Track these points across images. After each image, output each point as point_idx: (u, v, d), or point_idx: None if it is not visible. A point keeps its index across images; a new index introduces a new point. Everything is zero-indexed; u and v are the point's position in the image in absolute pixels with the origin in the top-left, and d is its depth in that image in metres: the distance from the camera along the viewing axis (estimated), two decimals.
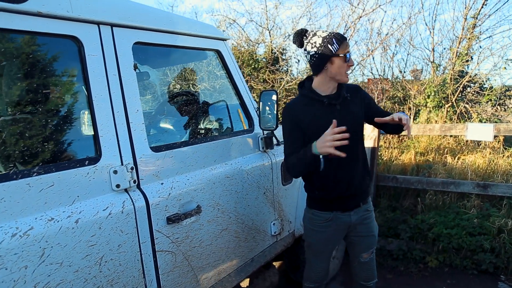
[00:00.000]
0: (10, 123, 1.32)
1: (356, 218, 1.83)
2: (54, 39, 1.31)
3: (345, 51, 1.65)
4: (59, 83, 1.41)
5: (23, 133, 1.27)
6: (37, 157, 1.25)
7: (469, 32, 5.43)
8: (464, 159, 4.15)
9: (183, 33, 1.78)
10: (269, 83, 6.98)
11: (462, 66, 5.41)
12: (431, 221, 3.36)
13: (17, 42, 1.28)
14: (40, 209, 1.18)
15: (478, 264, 3.04)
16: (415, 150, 4.60)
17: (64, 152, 1.33)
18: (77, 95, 1.41)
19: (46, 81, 1.37)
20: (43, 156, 1.27)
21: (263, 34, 7.72)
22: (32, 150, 1.26)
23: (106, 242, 1.32)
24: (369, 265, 1.92)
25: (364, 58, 7.05)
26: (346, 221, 1.82)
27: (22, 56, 1.29)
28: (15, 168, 1.17)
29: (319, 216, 1.83)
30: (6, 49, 1.24)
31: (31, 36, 1.26)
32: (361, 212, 1.84)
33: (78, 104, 1.42)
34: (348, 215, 1.81)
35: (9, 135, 1.28)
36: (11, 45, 1.27)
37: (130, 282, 1.41)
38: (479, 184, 3.33)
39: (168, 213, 1.56)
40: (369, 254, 1.90)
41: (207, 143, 1.83)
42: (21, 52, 1.28)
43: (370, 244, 1.88)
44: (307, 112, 1.72)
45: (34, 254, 1.13)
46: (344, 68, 1.67)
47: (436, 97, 5.35)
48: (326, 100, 1.71)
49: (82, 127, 1.46)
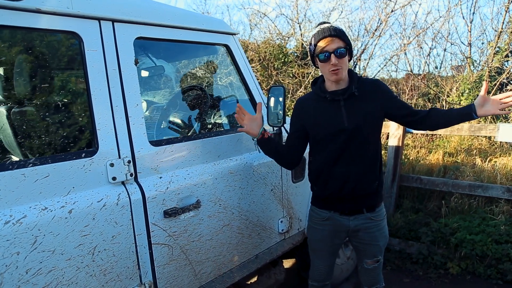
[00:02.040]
0: (9, 115, 1.38)
1: (356, 224, 1.75)
2: (54, 35, 1.35)
3: (322, 50, 1.58)
4: (58, 77, 1.45)
5: (22, 126, 1.32)
6: (33, 148, 1.30)
7: (511, 25, 5.05)
8: (496, 162, 3.89)
9: (188, 28, 1.78)
10: (298, 78, 6.89)
11: (501, 62, 5.05)
12: (455, 225, 3.19)
13: (16, 38, 1.33)
14: (35, 199, 1.23)
15: (504, 274, 2.86)
16: (444, 150, 4.37)
17: (61, 144, 1.38)
18: (76, 89, 1.44)
19: (44, 75, 1.42)
20: (40, 147, 1.33)
21: (294, 27, 7.63)
22: (30, 141, 1.31)
23: (100, 232, 1.36)
24: (373, 272, 1.86)
25: (397, 53, 6.78)
26: (344, 225, 1.76)
27: (21, 50, 1.34)
28: (11, 159, 1.23)
29: (317, 214, 1.82)
30: (6, 45, 1.29)
31: (30, 32, 1.30)
32: (363, 220, 1.74)
33: (77, 98, 1.46)
34: (347, 219, 1.75)
35: (8, 127, 1.34)
36: (11, 41, 1.33)
37: (124, 273, 1.45)
38: (510, 189, 3.11)
39: (165, 206, 1.57)
40: (374, 262, 1.83)
41: (209, 139, 1.83)
42: (20, 47, 1.33)
43: (374, 252, 1.80)
44: (311, 107, 1.74)
45: (26, 241, 1.18)
46: (325, 67, 1.61)
47: (471, 95, 5.05)
48: (328, 96, 1.67)
49: (80, 120, 1.50)
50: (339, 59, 1.58)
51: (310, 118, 1.74)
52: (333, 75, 1.61)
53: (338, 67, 1.58)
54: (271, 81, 6.98)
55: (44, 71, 1.43)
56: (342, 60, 1.59)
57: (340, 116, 1.65)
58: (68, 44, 1.40)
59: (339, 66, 1.58)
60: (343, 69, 1.61)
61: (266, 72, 7.11)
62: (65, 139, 1.39)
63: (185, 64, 2.73)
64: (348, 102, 1.66)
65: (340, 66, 1.59)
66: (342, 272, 2.90)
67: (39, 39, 1.36)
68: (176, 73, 2.63)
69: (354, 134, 1.64)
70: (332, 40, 1.57)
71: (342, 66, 1.60)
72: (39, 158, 1.26)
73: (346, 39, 1.60)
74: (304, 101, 1.80)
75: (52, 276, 1.24)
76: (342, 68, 1.60)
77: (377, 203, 1.76)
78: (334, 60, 1.57)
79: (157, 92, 2.74)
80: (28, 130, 1.35)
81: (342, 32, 1.60)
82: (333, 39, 1.57)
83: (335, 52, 1.56)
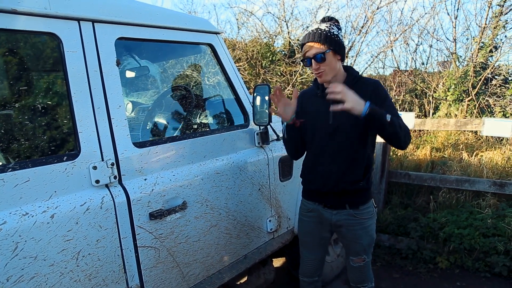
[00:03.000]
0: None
1: (337, 219, 1.77)
2: (31, 36, 1.32)
3: (304, 55, 1.64)
4: (37, 79, 1.43)
5: (0, 129, 1.29)
6: (12, 152, 1.27)
7: (494, 21, 5.13)
8: (482, 156, 3.95)
9: (171, 27, 1.76)
10: (285, 76, 6.90)
11: (485, 58, 5.12)
12: (443, 220, 3.23)
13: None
14: (15, 204, 1.21)
15: (491, 267, 2.90)
16: (431, 146, 4.42)
17: (41, 147, 1.35)
18: (56, 91, 1.42)
19: (23, 77, 1.39)
20: (19, 151, 1.30)
21: (281, 26, 7.63)
22: (8, 145, 1.28)
23: (84, 237, 1.34)
24: (358, 271, 1.86)
25: (383, 50, 6.83)
26: (327, 218, 1.80)
27: None
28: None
29: (304, 205, 1.90)
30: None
31: (8, 34, 1.27)
32: (345, 215, 1.75)
33: (57, 100, 1.43)
34: (330, 212, 1.78)
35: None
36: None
37: (109, 277, 1.43)
38: (496, 183, 3.16)
39: (151, 209, 1.56)
40: (359, 261, 1.82)
41: (195, 139, 1.81)
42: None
43: (357, 251, 1.79)
44: (306, 101, 1.82)
45: (6, 248, 1.15)
46: (313, 69, 1.66)
47: (457, 90, 5.11)
48: (319, 93, 1.74)
49: (61, 123, 1.47)
50: (320, 63, 1.61)
51: (304, 111, 1.79)
52: (318, 78, 1.68)
53: (320, 70, 1.62)
54: (259, 79, 6.98)
55: (23, 73, 1.40)
56: (324, 63, 1.60)
57: (327, 113, 1.67)
58: (47, 46, 1.37)
59: (321, 70, 1.62)
60: (327, 71, 1.63)
61: (254, 70, 7.10)
62: (46, 143, 1.36)
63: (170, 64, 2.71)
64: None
65: (323, 69, 1.62)
66: (332, 270, 2.91)
67: (16, 41, 1.33)
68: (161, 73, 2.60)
69: (338, 132, 1.67)
70: (312, 46, 1.60)
71: (325, 69, 1.62)
72: (19, 162, 1.23)
73: (328, 42, 1.58)
74: (304, 95, 1.86)
75: (34, 282, 1.21)
76: (325, 71, 1.63)
77: (362, 201, 1.75)
78: (314, 65, 1.62)
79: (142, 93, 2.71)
80: (6, 134, 1.31)
81: (324, 36, 1.58)
82: (313, 44, 1.60)
83: (315, 57, 1.60)
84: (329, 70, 1.63)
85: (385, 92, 1.69)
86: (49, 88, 1.42)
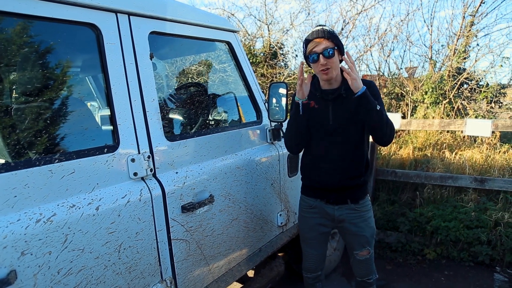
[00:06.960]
0: (31, 111, 1.32)
1: (340, 214, 1.84)
2: (72, 26, 1.31)
3: (311, 51, 1.65)
4: (77, 71, 1.41)
5: (41, 121, 1.27)
6: (57, 144, 1.25)
7: (467, 29, 5.49)
8: (462, 155, 4.22)
9: (197, 24, 1.78)
10: (268, 78, 6.98)
11: (460, 63, 5.48)
12: (429, 214, 3.43)
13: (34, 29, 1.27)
14: (61, 196, 1.19)
15: (475, 256, 3.11)
16: (413, 145, 4.66)
17: (83, 139, 1.34)
18: (96, 84, 1.40)
19: (65, 69, 1.37)
20: (63, 143, 1.28)
21: (262, 28, 7.72)
22: (52, 137, 1.26)
23: (125, 229, 1.33)
24: (365, 264, 1.92)
25: (361, 54, 7.08)
26: (329, 213, 1.86)
27: (39, 43, 1.28)
28: (37, 155, 1.17)
29: (305, 202, 1.94)
30: (23, 36, 1.23)
31: (49, 22, 1.25)
32: (347, 210, 1.83)
33: (97, 92, 1.42)
34: (332, 208, 1.84)
35: (30, 122, 1.28)
36: (28, 31, 1.27)
37: (147, 270, 1.43)
38: (477, 179, 3.40)
39: (183, 201, 1.57)
40: (364, 254, 1.89)
41: (218, 134, 1.84)
42: (38, 39, 1.28)
43: (362, 243, 1.86)
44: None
45: (57, 240, 1.14)
46: (316, 68, 1.68)
47: (434, 93, 5.42)
48: (318, 95, 1.78)
49: (100, 115, 1.46)
50: (327, 59, 1.63)
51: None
52: (323, 75, 1.68)
53: (327, 66, 1.65)
54: None
55: (64, 66, 1.37)
56: (331, 60, 1.64)
57: (327, 114, 1.75)
58: (86, 37, 1.36)
59: (328, 66, 1.65)
60: (333, 68, 1.67)
61: None
62: (84, 135, 1.35)
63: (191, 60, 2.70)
64: (336, 102, 1.75)
65: (330, 65, 1.65)
66: (330, 263, 3.00)
67: (57, 31, 1.31)
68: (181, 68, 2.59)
69: (339, 132, 1.75)
70: (320, 42, 1.63)
71: (332, 66, 1.66)
72: (64, 153, 1.21)
73: (335, 40, 1.65)
74: None
75: (82, 275, 1.20)
76: (332, 68, 1.66)
77: (362, 196, 1.85)
78: (322, 60, 1.64)
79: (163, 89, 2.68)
80: (51, 125, 1.29)
81: (331, 34, 1.65)
82: (321, 40, 1.63)
83: (323, 53, 1.63)
84: (335, 67, 1.68)
85: (378, 92, 1.80)
86: (89, 80, 1.40)
